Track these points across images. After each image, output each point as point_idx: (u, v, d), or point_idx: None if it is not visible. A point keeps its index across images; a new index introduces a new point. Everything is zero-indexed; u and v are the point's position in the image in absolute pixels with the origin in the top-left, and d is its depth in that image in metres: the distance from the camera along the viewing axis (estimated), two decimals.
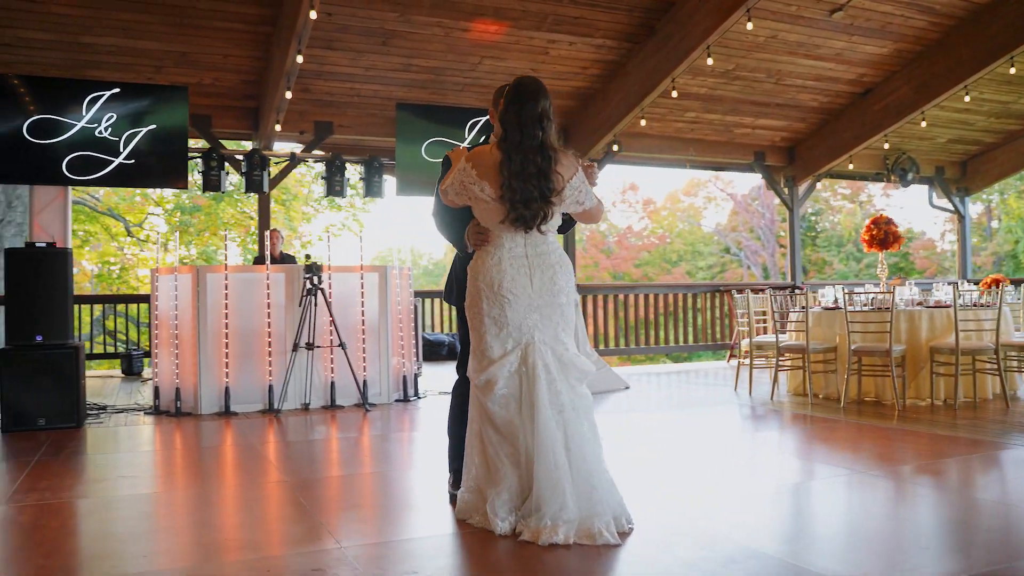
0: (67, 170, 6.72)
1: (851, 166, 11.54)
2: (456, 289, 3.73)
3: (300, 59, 7.53)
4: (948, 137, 12.32)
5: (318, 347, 7.23)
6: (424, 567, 2.89)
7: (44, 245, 6.39)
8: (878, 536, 3.15)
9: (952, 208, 13.43)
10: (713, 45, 8.93)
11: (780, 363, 7.38)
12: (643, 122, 9.54)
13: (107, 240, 20.24)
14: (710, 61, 8.47)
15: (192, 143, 8.40)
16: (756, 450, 5.22)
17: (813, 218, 27.06)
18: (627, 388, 8.32)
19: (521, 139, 3.24)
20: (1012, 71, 9.51)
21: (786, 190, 11.93)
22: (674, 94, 8.95)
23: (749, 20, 7.96)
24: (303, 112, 9.39)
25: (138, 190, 16.53)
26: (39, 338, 6.28)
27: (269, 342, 7.20)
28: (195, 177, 8.24)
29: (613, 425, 6.11)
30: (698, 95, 10.21)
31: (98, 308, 11.37)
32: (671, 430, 5.91)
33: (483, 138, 8.09)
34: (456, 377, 3.77)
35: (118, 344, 12.99)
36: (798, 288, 11.16)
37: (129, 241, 20.21)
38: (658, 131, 10.84)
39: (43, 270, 6.34)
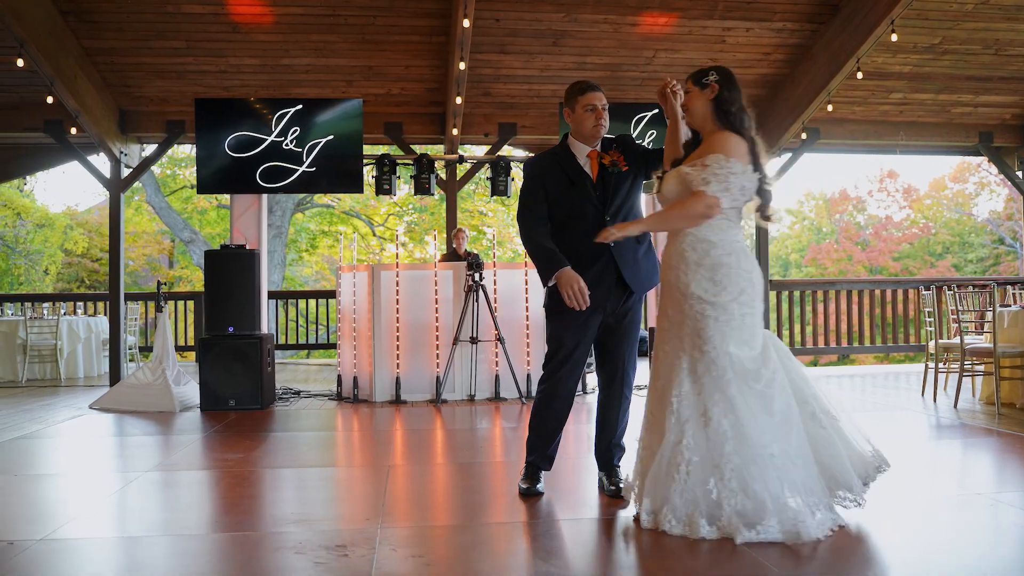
0: (260, 179, 7.55)
1: None
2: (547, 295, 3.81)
3: (462, 66, 7.89)
4: None
5: (482, 341, 7.54)
6: (434, 552, 3.03)
7: (235, 247, 7.24)
8: None
9: None
10: (910, 19, 8.19)
11: (969, 368, 6.64)
12: (830, 107, 8.89)
13: (358, 239, 22.24)
14: (894, 37, 7.73)
15: (370, 150, 9.08)
16: (905, 465, 4.68)
17: None
18: None
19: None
20: None
21: (1020, 173, 10.56)
22: (859, 75, 8.26)
23: None
24: (488, 115, 9.78)
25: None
26: (231, 329, 7.12)
27: (437, 336, 7.61)
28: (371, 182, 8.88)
29: None
30: (902, 74, 9.34)
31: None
32: None
33: (651, 133, 8.03)
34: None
35: None
36: None
37: (376, 241, 22.06)
38: (861, 115, 10.05)
39: (235, 269, 7.18)
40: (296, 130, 7.57)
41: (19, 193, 23.87)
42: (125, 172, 9.31)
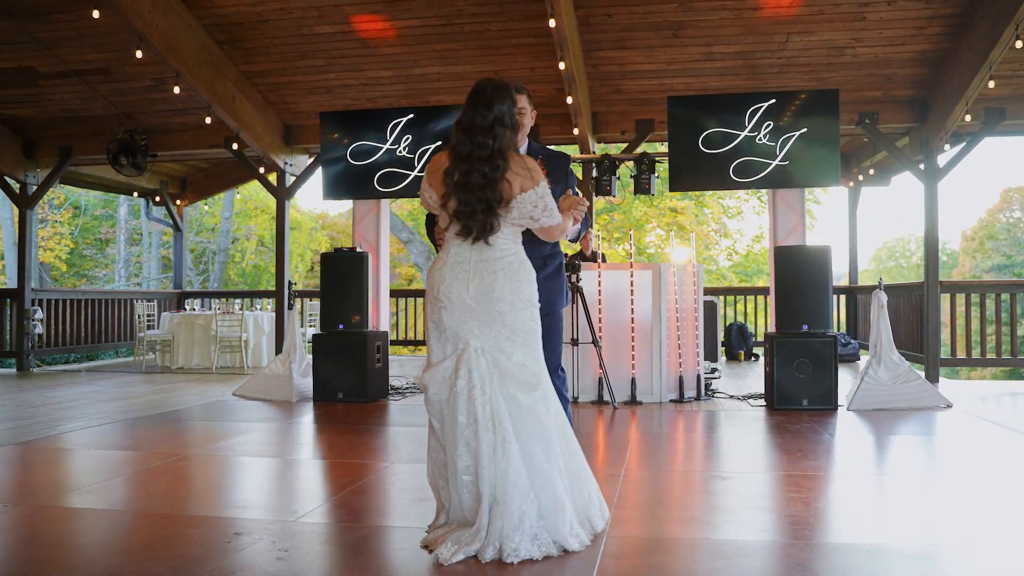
0: (377, 184, 8.04)
1: None
2: None
3: (562, 65, 7.85)
4: None
5: (583, 343, 7.50)
6: (304, 550, 3.16)
7: (347, 250, 7.75)
8: None
9: None
10: None
11: None
12: (991, 83, 7.75)
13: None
14: None
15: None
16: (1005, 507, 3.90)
17: None
18: (948, 407, 7.01)
19: (471, 148, 3.16)
20: None
21: None
22: (1018, 44, 7.15)
23: None
24: (624, 112, 9.64)
25: None
26: (341, 326, 7.64)
27: None
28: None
29: (890, 447, 5.53)
30: None
31: None
32: (935, 461, 5.00)
33: (768, 124, 7.53)
34: None
35: None
36: None
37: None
38: None
39: (347, 271, 7.68)
40: (408, 138, 7.97)
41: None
42: (290, 181, 10.26)
